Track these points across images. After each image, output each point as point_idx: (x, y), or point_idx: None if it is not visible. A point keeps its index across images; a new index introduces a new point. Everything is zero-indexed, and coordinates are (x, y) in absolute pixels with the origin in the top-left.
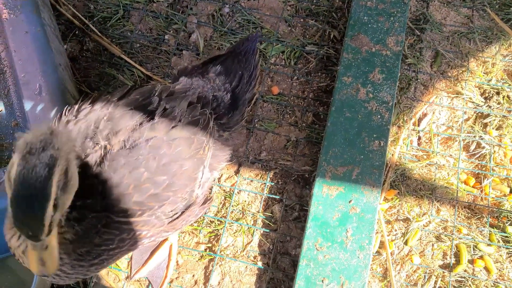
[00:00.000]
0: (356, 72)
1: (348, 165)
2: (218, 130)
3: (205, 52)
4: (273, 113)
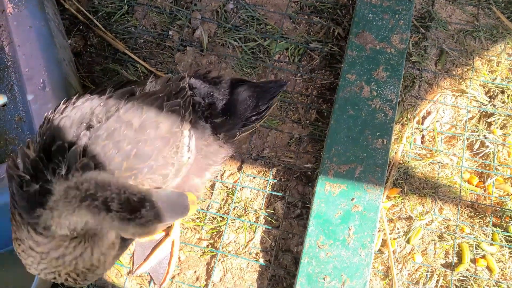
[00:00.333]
0: (360, 70)
1: (351, 163)
2: (212, 130)
3: (209, 48)
4: (276, 110)
